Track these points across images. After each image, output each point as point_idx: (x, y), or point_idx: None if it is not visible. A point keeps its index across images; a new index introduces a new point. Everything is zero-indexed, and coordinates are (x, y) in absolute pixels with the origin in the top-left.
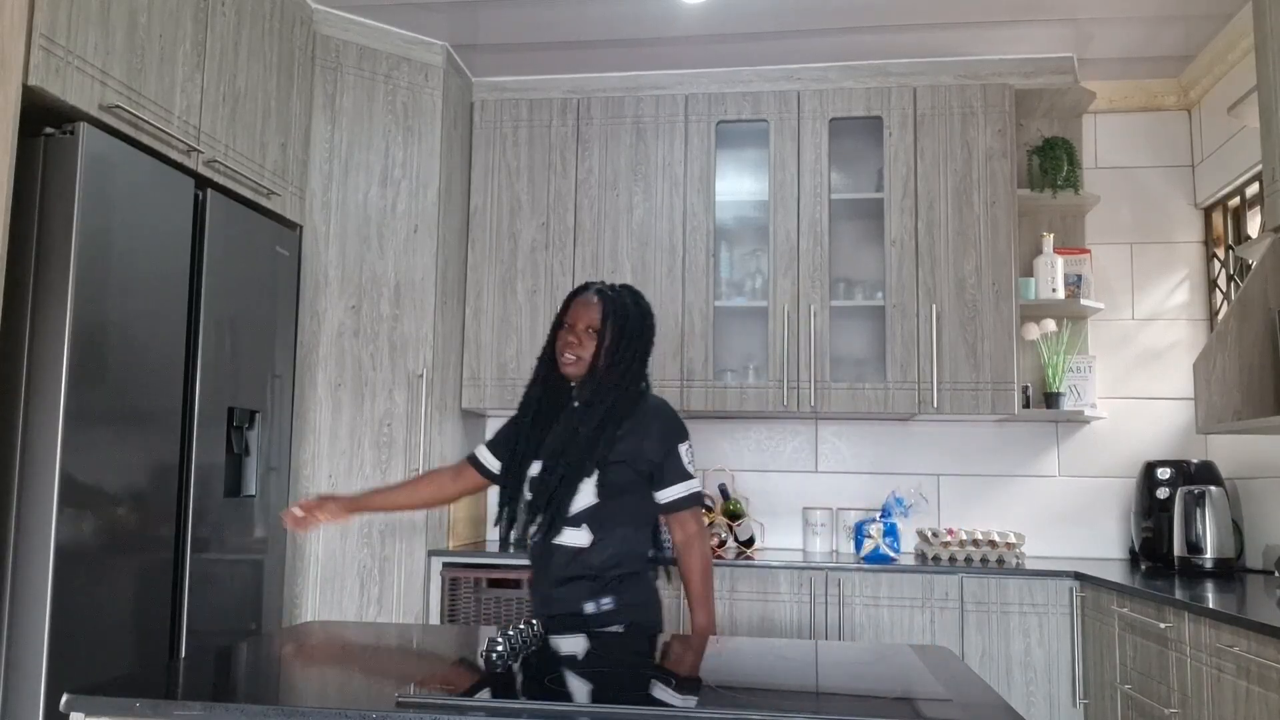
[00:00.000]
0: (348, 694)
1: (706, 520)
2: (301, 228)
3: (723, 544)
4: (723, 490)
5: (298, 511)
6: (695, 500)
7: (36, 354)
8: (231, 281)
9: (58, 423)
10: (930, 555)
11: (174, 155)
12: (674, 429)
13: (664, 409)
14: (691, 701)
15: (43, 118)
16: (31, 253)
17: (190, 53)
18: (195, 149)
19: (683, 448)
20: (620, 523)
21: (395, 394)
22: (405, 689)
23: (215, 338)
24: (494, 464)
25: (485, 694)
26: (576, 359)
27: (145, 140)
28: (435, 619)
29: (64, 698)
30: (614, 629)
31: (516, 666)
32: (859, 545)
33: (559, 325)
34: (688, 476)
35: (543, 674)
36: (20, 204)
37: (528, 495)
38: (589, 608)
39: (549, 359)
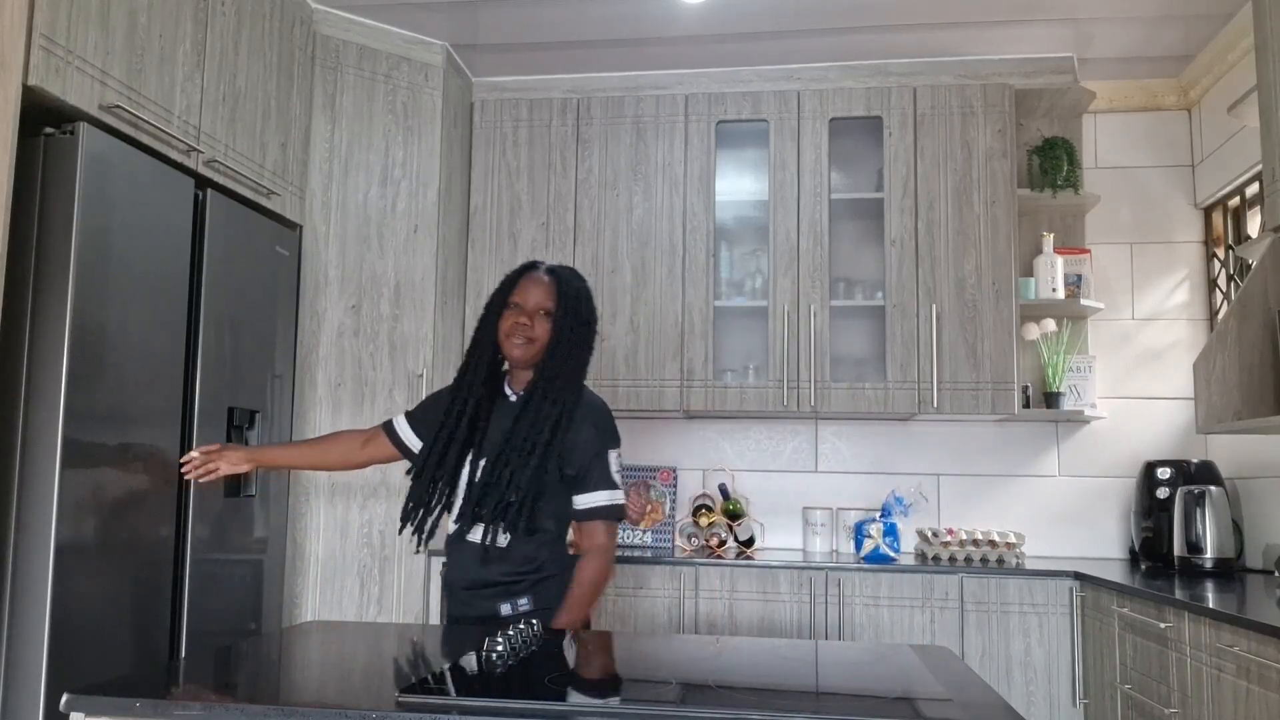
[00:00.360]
0: (348, 694)
1: (707, 520)
2: (301, 227)
3: (723, 544)
4: (723, 490)
5: (196, 456)
6: (614, 513)
7: (36, 354)
8: (231, 281)
9: (58, 423)
10: (930, 555)
11: (174, 155)
12: (608, 433)
13: (601, 409)
14: (692, 701)
15: (43, 118)
16: (31, 253)
17: (190, 53)
18: (195, 149)
19: (612, 454)
20: (540, 523)
21: (395, 394)
22: (405, 689)
23: (215, 337)
24: (414, 441)
25: (485, 694)
26: (527, 341)
27: (145, 140)
28: (435, 619)
29: (64, 697)
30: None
31: (516, 666)
32: (859, 545)
33: (503, 305)
34: (612, 486)
35: (543, 674)
36: (20, 204)
37: (462, 489)
38: (505, 609)
39: (490, 341)
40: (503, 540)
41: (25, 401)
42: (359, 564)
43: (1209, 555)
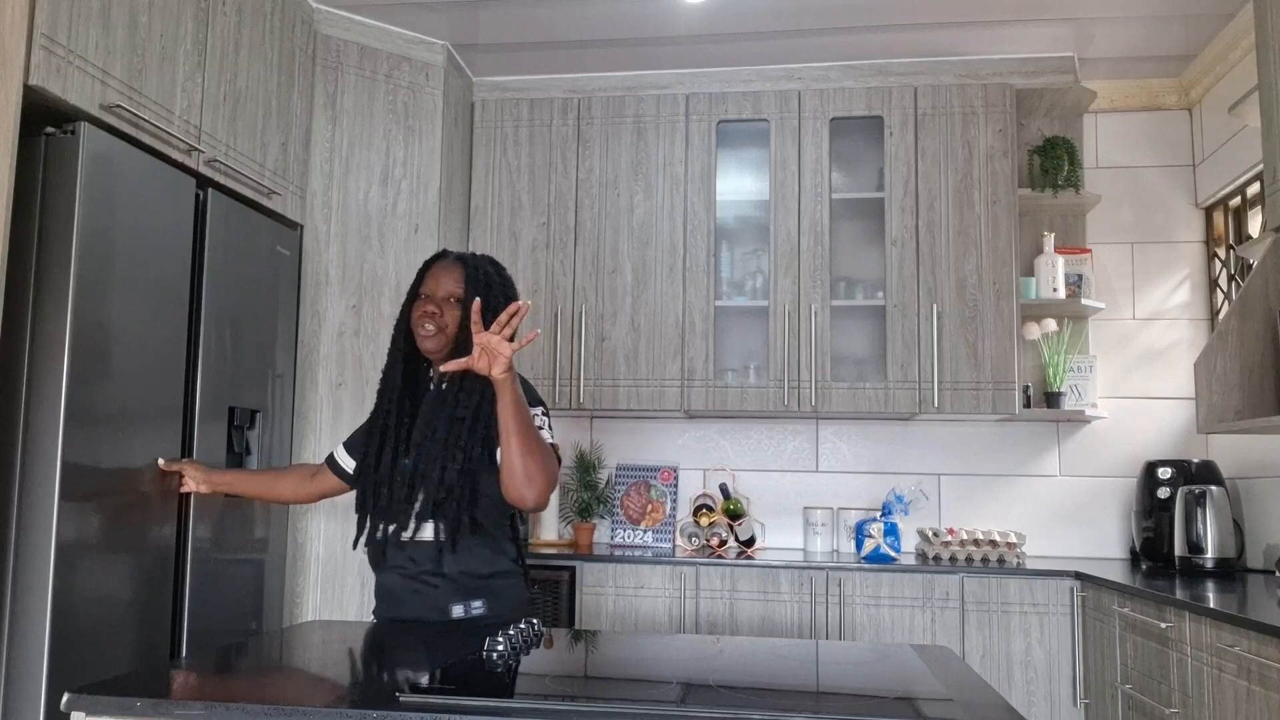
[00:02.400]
0: (348, 694)
1: (707, 520)
2: (302, 227)
3: (723, 544)
4: (724, 490)
5: (163, 465)
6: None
7: (37, 353)
8: (232, 281)
9: (58, 423)
10: (931, 555)
11: (175, 155)
12: (528, 393)
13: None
14: (692, 701)
15: (43, 117)
16: (32, 252)
17: (191, 52)
18: (196, 148)
19: (537, 410)
20: (484, 517)
21: None
22: (405, 688)
23: (216, 337)
24: (349, 464)
25: (485, 694)
26: (436, 330)
27: (146, 140)
28: None
29: (64, 697)
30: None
31: (517, 666)
32: (860, 545)
33: (414, 296)
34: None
35: (543, 674)
36: (21, 204)
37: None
38: (457, 611)
39: (404, 334)
40: (441, 535)
41: (26, 401)
42: (359, 564)
43: (1210, 555)
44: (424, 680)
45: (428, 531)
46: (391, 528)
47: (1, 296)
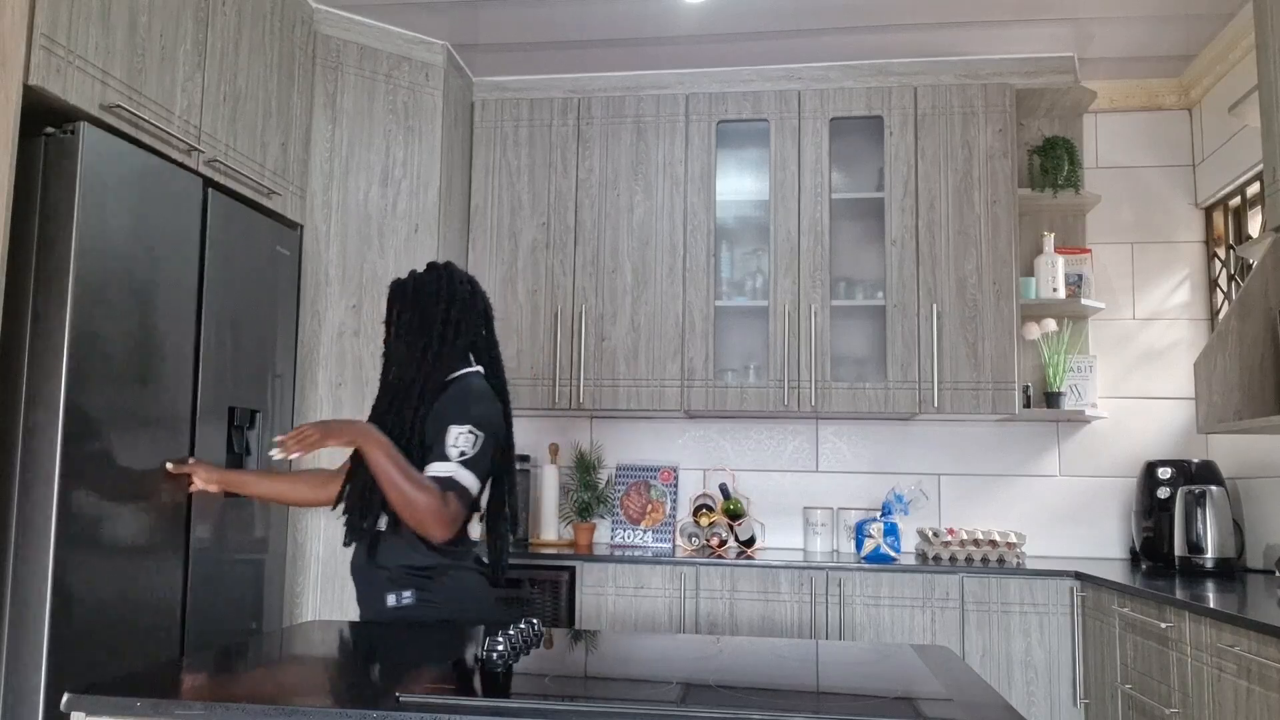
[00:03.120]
0: (348, 694)
1: (707, 520)
2: (302, 227)
3: (723, 544)
4: (723, 490)
5: (171, 468)
6: (441, 485)
7: (37, 353)
8: (232, 281)
9: (58, 423)
10: (931, 555)
11: (175, 155)
12: (455, 410)
13: (461, 390)
14: (692, 701)
15: (43, 117)
16: (32, 253)
17: (191, 52)
18: (196, 149)
19: (455, 430)
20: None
21: None
22: (406, 688)
23: (216, 337)
24: None
25: (485, 694)
26: (384, 356)
27: (146, 140)
28: None
29: (64, 697)
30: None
31: (517, 666)
32: (860, 545)
33: None
34: (443, 458)
35: (543, 674)
36: (21, 204)
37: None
38: (390, 600)
39: None
40: (382, 526)
41: (25, 401)
42: None
43: (1210, 555)
44: (424, 680)
45: (383, 524)
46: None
47: (1, 297)
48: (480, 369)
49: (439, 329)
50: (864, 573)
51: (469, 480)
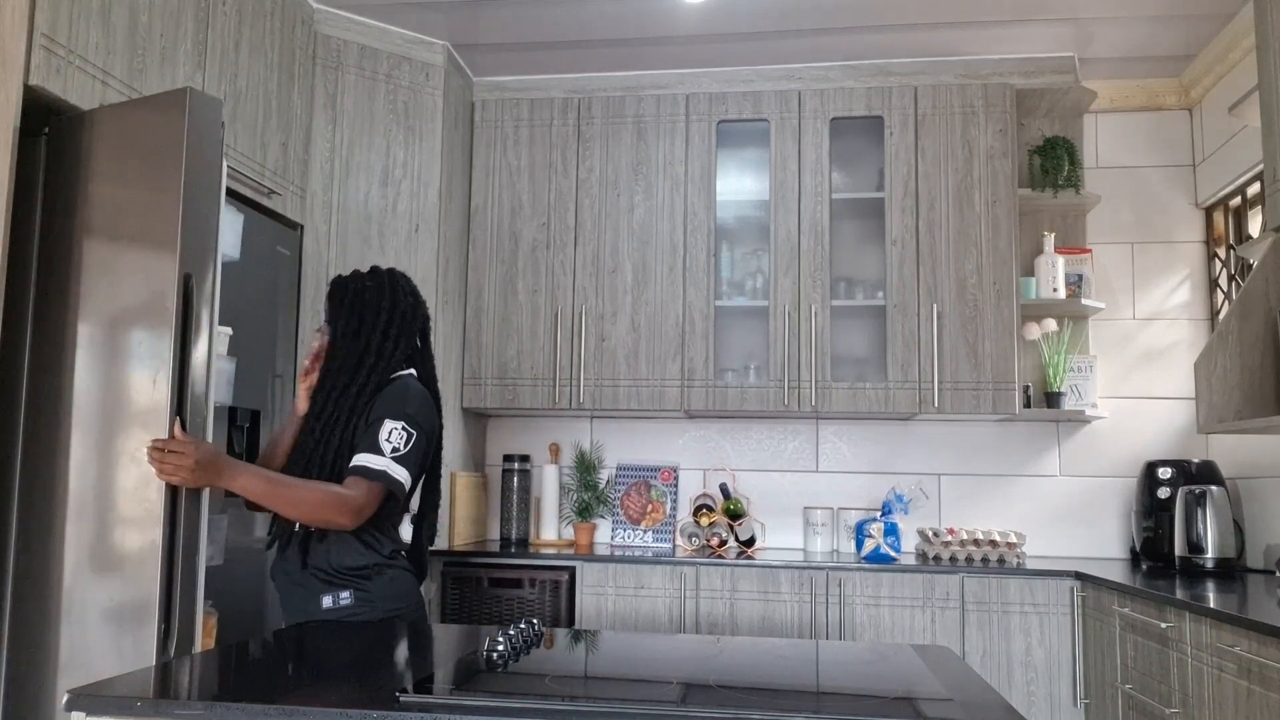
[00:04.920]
0: (348, 694)
1: (707, 520)
2: (302, 227)
3: (723, 544)
4: (724, 490)
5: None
6: (365, 472)
7: (38, 354)
8: (232, 281)
9: (58, 423)
10: (931, 555)
11: None
12: (391, 406)
13: (400, 389)
14: (692, 701)
15: (43, 117)
16: (32, 253)
17: (191, 52)
18: None
19: (390, 424)
20: None
21: None
22: (405, 689)
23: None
24: None
25: (485, 694)
26: (313, 359)
27: None
28: (435, 619)
29: (64, 697)
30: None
31: (516, 666)
32: (860, 545)
33: None
34: (376, 450)
35: (543, 674)
36: (20, 204)
37: None
38: (326, 602)
39: None
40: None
41: (26, 402)
42: None
43: (1210, 555)
44: (423, 680)
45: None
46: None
47: (1, 296)
48: (414, 372)
49: (378, 340)
50: (864, 573)
51: (401, 475)
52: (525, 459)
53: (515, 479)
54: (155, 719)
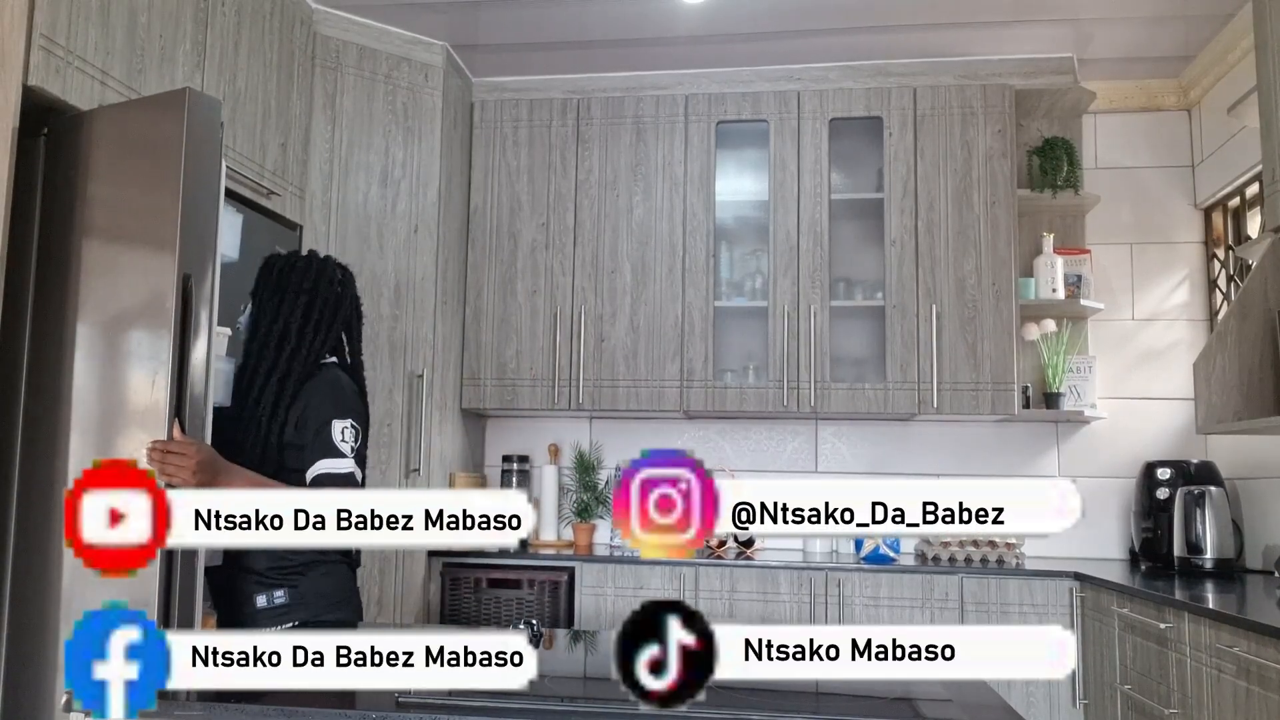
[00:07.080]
0: (348, 694)
1: None
2: (301, 228)
3: (723, 544)
4: None
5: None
6: (343, 482)
7: (37, 354)
8: (231, 281)
9: (57, 423)
10: (930, 555)
11: None
12: (331, 405)
13: (332, 384)
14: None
15: (43, 118)
16: (31, 253)
17: (190, 52)
18: None
19: (339, 424)
20: None
21: (395, 394)
22: (405, 689)
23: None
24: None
25: (485, 694)
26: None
27: None
28: (435, 619)
29: (64, 697)
30: (289, 625)
31: None
32: (859, 545)
33: None
34: (336, 454)
35: (543, 674)
36: (20, 205)
37: None
38: (260, 601)
39: None
40: None
41: (25, 402)
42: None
43: (1209, 556)
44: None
45: None
46: None
47: (1, 296)
48: (335, 360)
49: (297, 322)
50: (863, 573)
51: (360, 474)
52: (524, 459)
53: (514, 479)
54: (155, 719)
